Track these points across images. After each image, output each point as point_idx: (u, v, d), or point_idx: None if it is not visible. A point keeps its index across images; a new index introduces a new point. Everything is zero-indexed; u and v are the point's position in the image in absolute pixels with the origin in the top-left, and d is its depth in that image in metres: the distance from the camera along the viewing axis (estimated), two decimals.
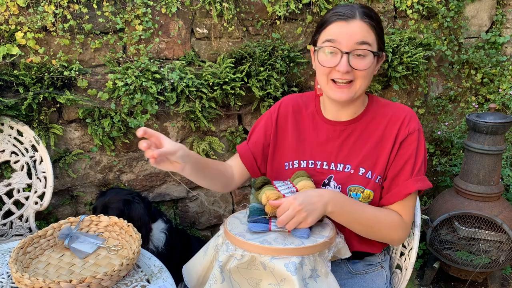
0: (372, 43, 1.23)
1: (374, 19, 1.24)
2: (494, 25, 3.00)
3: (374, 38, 1.23)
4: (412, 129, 1.29)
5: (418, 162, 1.29)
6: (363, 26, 1.22)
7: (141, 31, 2.15)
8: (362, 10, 1.23)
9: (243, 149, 1.48)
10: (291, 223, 1.14)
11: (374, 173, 1.30)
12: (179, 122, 2.34)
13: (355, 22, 1.21)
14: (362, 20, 1.22)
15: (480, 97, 3.06)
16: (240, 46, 2.37)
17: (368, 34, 1.22)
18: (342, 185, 1.31)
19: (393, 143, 1.30)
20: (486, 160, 2.34)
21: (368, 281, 1.41)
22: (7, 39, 1.96)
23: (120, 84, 2.07)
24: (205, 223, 2.61)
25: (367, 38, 1.22)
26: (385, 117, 1.33)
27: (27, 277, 1.18)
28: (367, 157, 1.30)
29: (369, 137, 1.32)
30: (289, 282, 1.08)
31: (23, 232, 2.01)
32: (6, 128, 1.99)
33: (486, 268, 2.36)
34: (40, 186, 2.02)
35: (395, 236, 1.30)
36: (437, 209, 2.49)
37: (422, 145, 1.31)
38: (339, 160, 1.33)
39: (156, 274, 1.34)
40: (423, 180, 1.29)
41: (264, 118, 1.48)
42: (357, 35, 1.21)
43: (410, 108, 1.38)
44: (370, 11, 1.25)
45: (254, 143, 1.47)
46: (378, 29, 1.25)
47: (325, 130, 1.36)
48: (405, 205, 1.30)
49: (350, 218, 1.24)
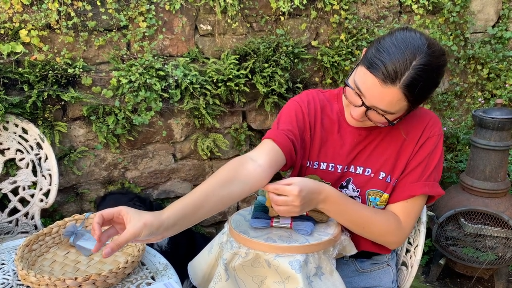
0: (398, 111, 1.11)
1: (418, 89, 1.06)
2: (501, 19, 2.97)
3: (404, 105, 1.10)
4: (433, 133, 1.25)
5: (430, 166, 1.25)
6: (398, 96, 1.07)
7: (145, 28, 2.15)
8: (411, 76, 1.04)
9: (278, 135, 1.22)
10: (282, 210, 1.09)
11: (393, 177, 1.27)
12: (183, 119, 2.34)
13: (392, 89, 1.06)
14: (402, 90, 1.06)
15: (487, 93, 3.03)
16: (244, 43, 2.36)
17: (397, 105, 1.09)
18: (361, 189, 1.28)
19: (414, 146, 1.26)
20: (493, 156, 2.32)
21: (374, 278, 1.40)
22: (11, 37, 1.97)
23: (124, 81, 2.07)
24: (209, 220, 2.61)
25: (393, 108, 1.10)
26: (411, 121, 1.27)
27: (32, 275, 1.19)
28: (388, 161, 1.27)
29: (392, 140, 1.28)
30: (294, 280, 1.08)
31: (29, 230, 2.02)
32: (11, 126, 2.00)
33: (492, 264, 2.34)
34: (45, 184, 2.03)
35: (388, 240, 1.28)
36: (443, 206, 2.47)
37: (439, 151, 1.26)
38: (359, 163, 1.29)
39: (161, 271, 1.35)
40: (432, 186, 1.24)
41: (293, 110, 1.31)
42: (384, 102, 1.09)
43: (435, 114, 1.32)
44: (418, 80, 1.05)
45: (288, 130, 1.25)
46: (417, 96, 1.08)
47: (350, 133, 1.30)
48: (408, 208, 1.26)
49: (340, 215, 1.20)
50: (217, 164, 2.48)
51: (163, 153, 2.38)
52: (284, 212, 1.11)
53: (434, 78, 1.09)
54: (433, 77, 1.08)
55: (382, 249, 1.35)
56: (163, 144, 2.36)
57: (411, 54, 1.05)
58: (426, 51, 1.05)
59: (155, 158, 2.36)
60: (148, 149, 2.34)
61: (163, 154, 2.38)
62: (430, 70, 1.06)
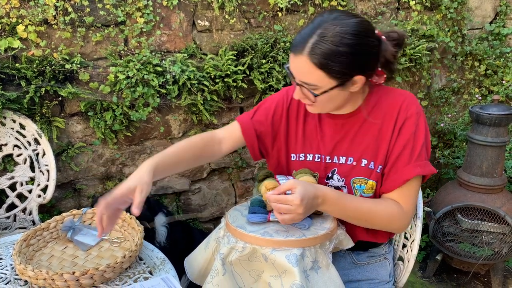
0: (317, 83, 1.15)
1: (327, 53, 1.10)
2: (498, 16, 2.98)
3: (321, 75, 1.13)
4: (410, 113, 1.25)
5: (417, 146, 1.25)
6: (307, 65, 1.13)
7: (143, 23, 2.14)
8: (313, 43, 1.11)
9: (246, 123, 1.39)
10: (287, 218, 1.13)
11: (376, 163, 1.28)
12: (181, 115, 2.34)
13: (301, 58, 1.13)
14: (309, 57, 1.12)
15: (484, 89, 3.04)
16: (241, 39, 2.36)
17: (310, 75, 1.14)
18: (346, 178, 1.30)
19: (393, 130, 1.26)
20: (489, 152, 2.33)
21: (371, 271, 1.41)
22: (9, 32, 1.96)
23: (121, 77, 2.06)
24: (208, 215, 2.62)
25: (308, 79, 1.15)
26: (384, 105, 1.29)
27: (30, 269, 1.19)
28: (368, 148, 1.28)
29: (370, 127, 1.29)
30: (290, 274, 1.09)
31: (27, 225, 2.02)
32: (9, 122, 2.00)
33: (489, 260, 2.36)
34: (43, 179, 2.03)
35: (393, 227, 1.29)
36: (439, 201, 2.49)
37: (422, 129, 1.26)
38: (341, 153, 1.31)
39: (159, 266, 1.35)
40: (424, 165, 1.24)
41: (275, 102, 1.40)
42: (299, 74, 1.17)
43: (411, 93, 1.32)
44: (322, 45, 1.10)
45: (259, 122, 1.39)
46: (329, 63, 1.11)
47: (328, 124, 1.34)
48: (405, 193, 1.26)
49: (341, 214, 1.23)
50: (215, 160, 2.48)
51: (160, 149, 2.38)
52: (288, 220, 1.13)
53: (340, 43, 1.11)
54: (338, 42, 1.11)
55: (378, 238, 1.36)
56: (160, 140, 2.36)
57: (315, 26, 1.14)
58: (329, 21, 1.13)
59: (152, 154, 2.36)
60: (146, 145, 2.34)
61: (161, 150, 2.37)
62: (332, 35, 1.11)
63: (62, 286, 1.19)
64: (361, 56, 1.14)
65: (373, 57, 1.19)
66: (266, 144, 1.41)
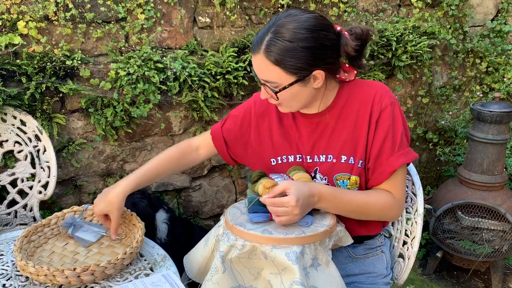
0: (277, 80, 1.18)
1: (281, 49, 1.13)
2: (500, 13, 2.97)
3: (279, 72, 1.16)
4: (384, 105, 1.26)
5: (397, 136, 1.26)
6: (264, 63, 1.16)
7: (143, 20, 2.14)
8: (268, 41, 1.15)
9: (216, 132, 1.50)
10: (284, 220, 1.15)
11: (356, 158, 1.28)
12: (182, 111, 2.34)
13: (258, 56, 1.17)
14: (265, 55, 1.15)
15: (485, 86, 3.03)
16: (243, 35, 2.35)
17: (269, 72, 1.17)
18: (328, 176, 1.30)
19: (368, 123, 1.26)
20: (490, 149, 2.33)
21: (368, 265, 1.42)
22: (9, 28, 1.96)
23: (122, 74, 2.06)
24: (208, 212, 2.62)
25: (268, 77, 1.19)
26: (357, 98, 1.28)
27: (31, 265, 1.19)
28: (346, 143, 1.28)
29: (345, 122, 1.29)
30: (290, 271, 1.09)
31: (27, 221, 2.02)
32: (9, 118, 2.00)
33: (489, 257, 2.36)
34: (44, 176, 2.03)
35: (388, 216, 1.32)
36: (440, 199, 2.49)
37: (399, 118, 1.27)
38: (320, 151, 1.31)
39: (160, 262, 1.35)
40: (406, 154, 1.26)
41: (243, 110, 1.46)
42: (260, 73, 1.20)
43: (382, 83, 1.32)
44: (275, 41, 1.13)
45: (228, 130, 1.47)
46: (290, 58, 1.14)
47: (303, 123, 1.34)
48: (394, 182, 1.28)
49: (338, 209, 1.25)
50: (215, 157, 2.48)
51: (161, 145, 2.38)
52: (286, 222, 1.15)
53: (293, 38, 1.13)
54: (291, 38, 1.13)
55: (371, 230, 1.38)
56: (161, 136, 2.36)
57: (272, 23, 1.17)
58: (283, 18, 1.16)
59: (153, 150, 2.37)
60: (146, 141, 2.34)
61: (162, 147, 2.38)
62: (285, 31, 1.14)
63: (63, 282, 1.20)
64: (316, 50, 1.16)
65: (331, 51, 1.19)
66: (237, 150, 1.48)
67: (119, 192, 1.34)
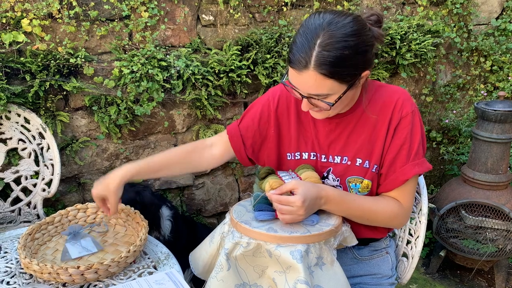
0: (330, 92, 1.12)
1: (334, 62, 1.07)
2: (505, 11, 2.95)
3: (331, 83, 1.11)
4: (405, 112, 1.24)
5: (414, 145, 1.24)
6: (317, 78, 1.09)
7: (147, 18, 2.14)
8: (317, 55, 1.07)
9: (232, 130, 1.42)
10: (288, 219, 1.15)
11: (371, 162, 1.27)
12: (185, 110, 2.34)
13: (308, 72, 1.09)
14: (316, 70, 1.08)
15: (489, 85, 3.02)
16: (246, 33, 2.35)
17: (323, 86, 1.11)
18: (341, 178, 1.29)
19: (387, 129, 1.25)
20: (494, 148, 2.32)
21: (373, 266, 1.41)
22: (13, 26, 1.96)
23: (126, 72, 2.06)
24: (211, 210, 2.62)
25: (320, 91, 1.12)
26: (379, 102, 1.26)
27: (35, 263, 1.19)
28: (363, 147, 1.27)
29: (364, 125, 1.27)
30: (295, 270, 1.09)
31: (31, 219, 2.03)
32: (14, 116, 2.00)
33: (493, 256, 2.35)
34: (48, 173, 2.03)
35: (393, 224, 1.30)
36: (444, 198, 2.48)
37: (418, 127, 1.25)
38: (336, 152, 1.30)
39: (163, 260, 1.35)
40: (421, 164, 1.24)
41: (261, 106, 1.40)
42: (307, 88, 1.13)
43: (405, 90, 1.30)
44: (326, 56, 1.06)
45: (245, 128, 1.40)
46: (336, 70, 1.09)
47: (322, 122, 1.32)
48: (404, 191, 1.27)
49: (344, 213, 1.24)
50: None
51: (165, 143, 2.38)
52: (289, 221, 1.16)
53: (344, 48, 1.08)
54: (343, 47, 1.08)
55: (377, 233, 1.36)
56: (165, 135, 2.36)
57: (313, 36, 1.09)
58: (325, 27, 1.08)
59: (157, 148, 2.37)
60: (150, 139, 2.34)
61: (165, 145, 2.38)
62: (335, 42, 1.07)
63: (67, 280, 1.20)
64: (367, 53, 1.13)
65: (372, 49, 1.17)
66: (254, 149, 1.42)
67: (116, 176, 1.30)
